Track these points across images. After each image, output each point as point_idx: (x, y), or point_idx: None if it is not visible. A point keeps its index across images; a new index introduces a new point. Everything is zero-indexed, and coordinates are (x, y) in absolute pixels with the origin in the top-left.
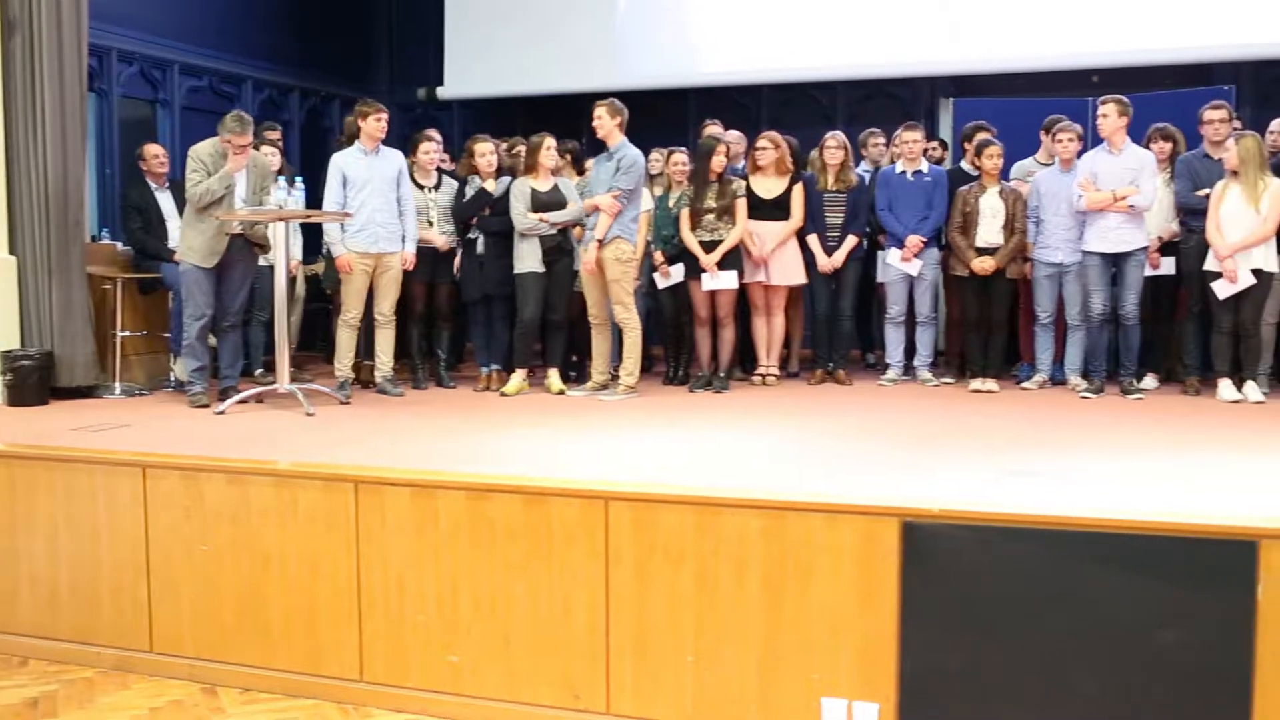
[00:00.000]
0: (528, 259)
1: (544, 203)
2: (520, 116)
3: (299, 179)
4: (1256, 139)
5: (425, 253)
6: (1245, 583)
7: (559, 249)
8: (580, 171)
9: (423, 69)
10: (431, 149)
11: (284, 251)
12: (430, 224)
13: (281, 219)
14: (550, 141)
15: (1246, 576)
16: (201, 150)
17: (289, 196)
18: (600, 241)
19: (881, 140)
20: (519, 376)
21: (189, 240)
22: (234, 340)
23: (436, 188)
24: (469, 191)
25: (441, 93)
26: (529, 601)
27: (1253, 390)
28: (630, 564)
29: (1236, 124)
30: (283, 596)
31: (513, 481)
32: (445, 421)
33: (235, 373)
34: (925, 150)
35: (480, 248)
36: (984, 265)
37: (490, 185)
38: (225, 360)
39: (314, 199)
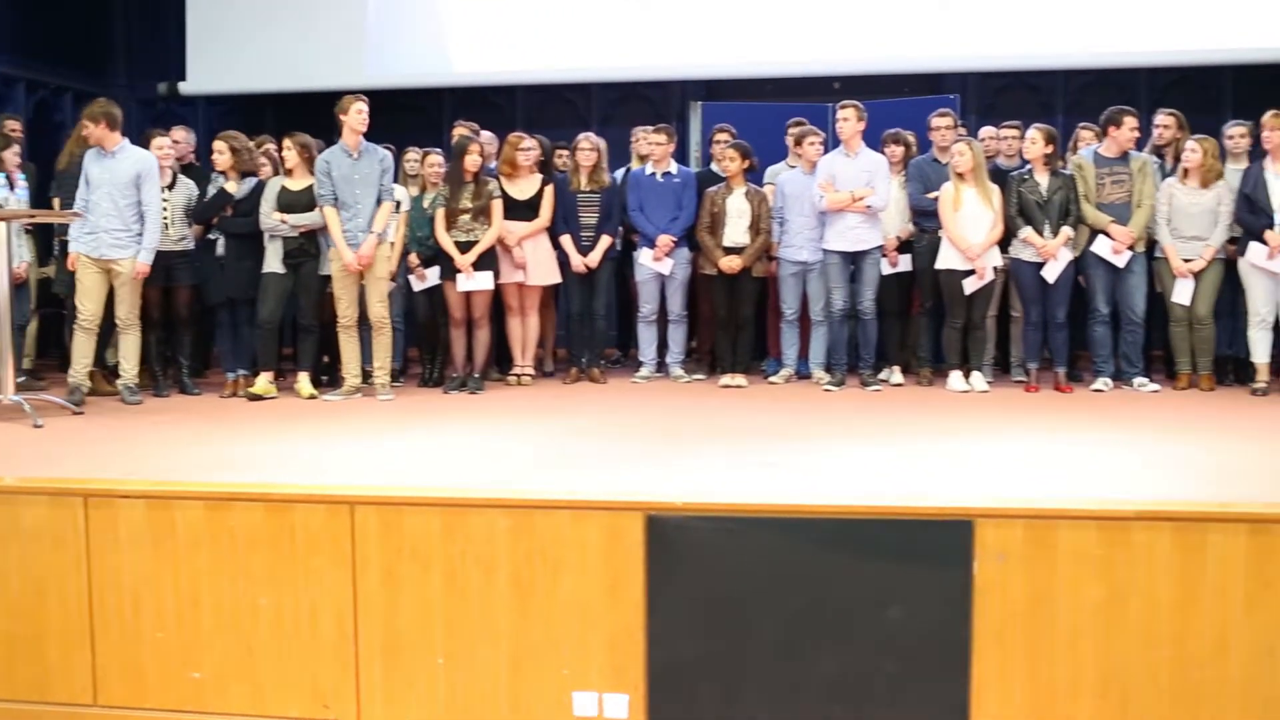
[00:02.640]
0: (270, 259)
1: (289, 203)
2: (269, 114)
3: (22, 177)
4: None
5: (160, 255)
6: (963, 560)
7: (302, 251)
8: None
9: (163, 62)
10: (164, 144)
11: (4, 254)
12: (166, 225)
13: (3, 219)
14: (288, 142)
15: (964, 554)
16: None
17: (11, 194)
18: (381, 237)
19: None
20: (265, 379)
21: None
22: None
23: (171, 187)
24: (211, 191)
25: (184, 88)
26: (273, 612)
27: (978, 380)
28: (377, 568)
29: (961, 130)
30: (5, 621)
31: (254, 490)
32: (186, 429)
33: None
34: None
35: (220, 249)
36: (731, 264)
37: (231, 185)
38: None
39: (40, 198)
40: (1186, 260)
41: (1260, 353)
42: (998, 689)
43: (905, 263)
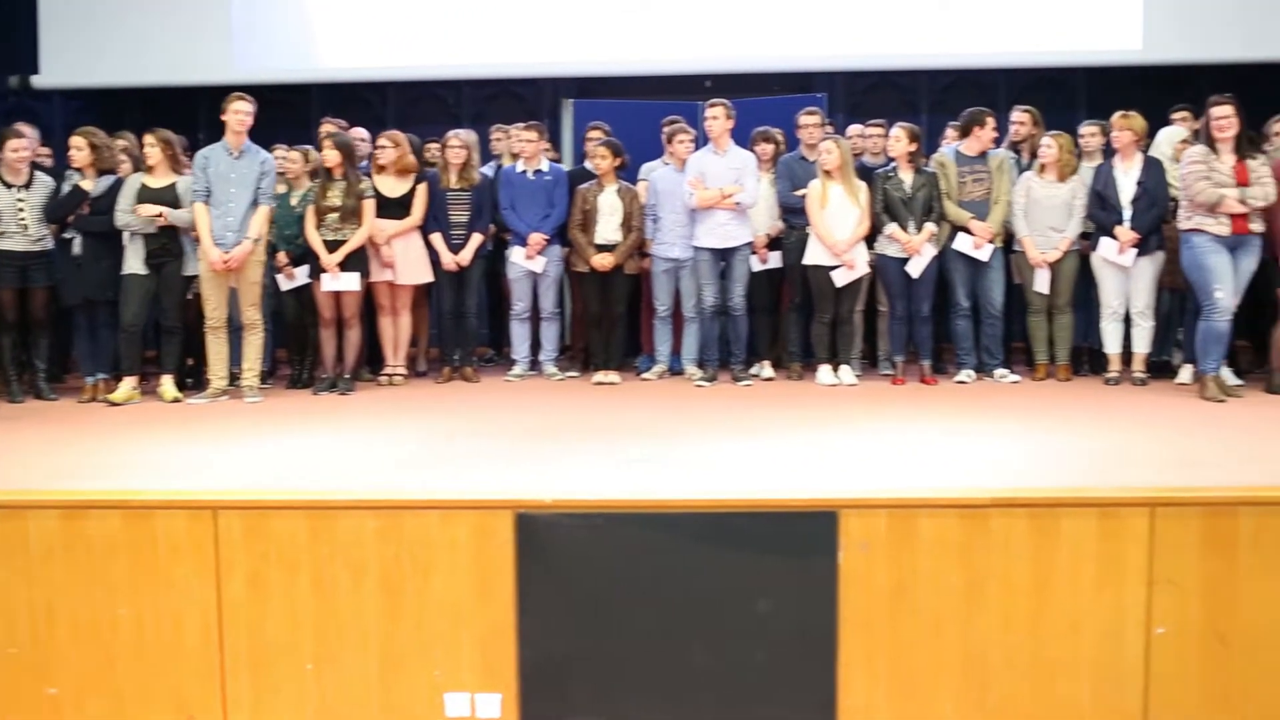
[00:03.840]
0: (131, 260)
1: (150, 201)
2: (130, 110)
3: None
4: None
5: (14, 256)
6: (828, 550)
7: (164, 250)
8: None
9: (14, 54)
10: (20, 146)
11: None
12: (22, 226)
13: None
14: (150, 138)
15: (829, 544)
16: None
17: None
18: (257, 243)
19: (503, 136)
20: (128, 384)
21: None
22: None
23: (27, 186)
24: (66, 189)
25: (37, 81)
26: (134, 622)
27: (846, 374)
28: (243, 574)
29: (829, 128)
30: None
31: (112, 497)
32: (41, 435)
33: None
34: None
35: (77, 248)
36: (603, 261)
37: (87, 183)
38: None
39: None
40: (1043, 252)
41: (1112, 344)
42: (864, 675)
43: (775, 259)
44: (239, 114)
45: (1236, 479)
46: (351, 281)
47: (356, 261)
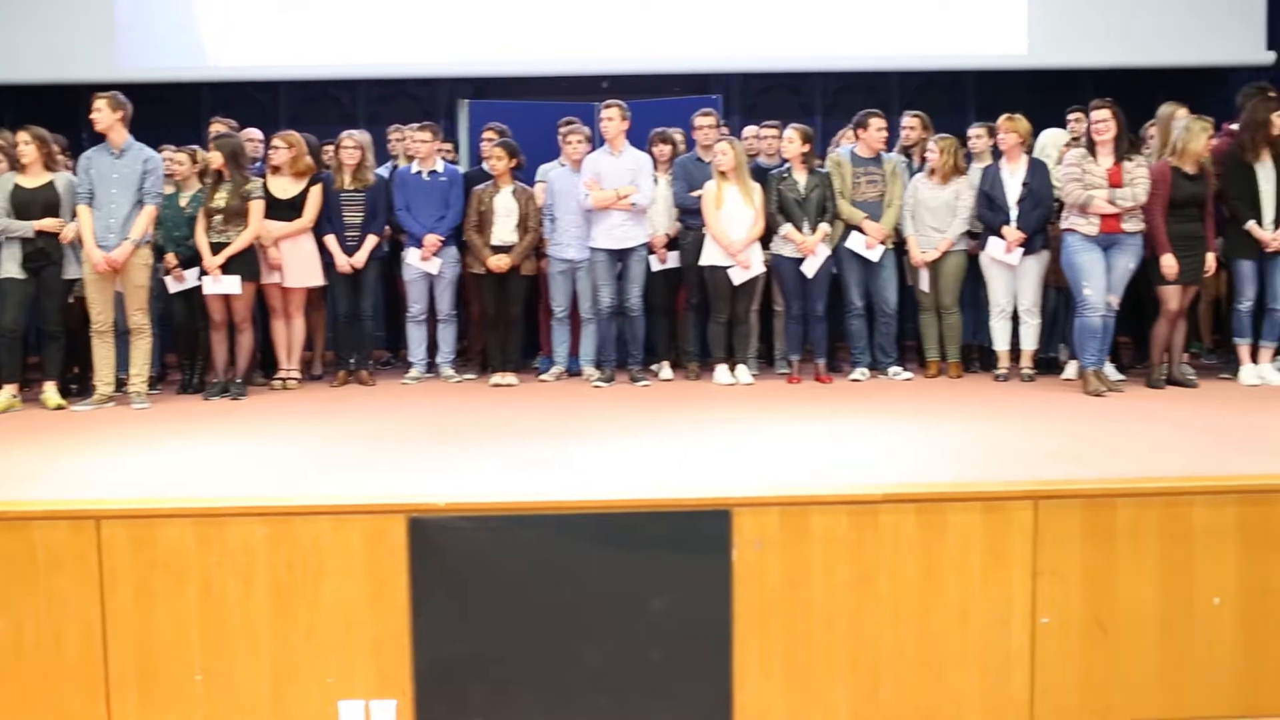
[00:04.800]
0: (7, 264)
1: (23, 201)
2: (7, 108)
3: None
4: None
5: None
6: (722, 548)
7: (42, 254)
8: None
9: None
10: None
11: None
12: None
13: None
14: (24, 135)
15: (723, 542)
16: None
17: None
18: (137, 244)
19: (399, 137)
20: (7, 392)
21: None
22: None
23: None
24: None
25: None
26: (12, 638)
27: (743, 373)
28: (128, 585)
29: (724, 129)
30: None
31: None
32: None
33: None
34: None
35: None
36: (499, 263)
37: None
38: None
39: None
40: (923, 251)
41: (1001, 341)
42: (758, 670)
43: (673, 259)
44: (90, 114)
45: (1115, 471)
46: (232, 284)
47: (244, 263)
